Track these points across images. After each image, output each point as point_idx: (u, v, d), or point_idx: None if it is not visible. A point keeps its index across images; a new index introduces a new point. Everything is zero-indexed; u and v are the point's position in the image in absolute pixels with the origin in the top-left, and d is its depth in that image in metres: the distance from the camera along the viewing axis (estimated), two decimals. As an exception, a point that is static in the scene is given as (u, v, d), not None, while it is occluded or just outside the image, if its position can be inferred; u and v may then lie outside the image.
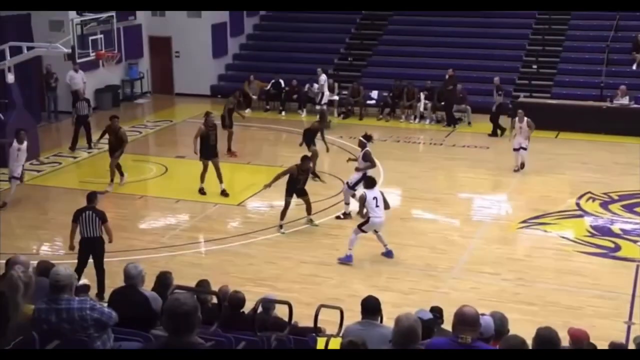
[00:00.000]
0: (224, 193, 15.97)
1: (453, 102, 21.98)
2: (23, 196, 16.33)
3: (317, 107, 22.59)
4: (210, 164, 15.83)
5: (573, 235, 14.11)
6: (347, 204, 14.96)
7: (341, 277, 12.44)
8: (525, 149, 17.42)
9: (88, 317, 5.42)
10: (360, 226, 12.88)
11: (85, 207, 11.45)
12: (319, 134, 17.14)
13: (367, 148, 15.03)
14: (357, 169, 14.96)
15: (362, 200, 12.78)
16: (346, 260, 12.84)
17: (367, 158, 14.91)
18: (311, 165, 14.45)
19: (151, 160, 19.26)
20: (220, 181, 15.95)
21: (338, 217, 14.86)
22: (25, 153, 15.63)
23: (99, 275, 11.29)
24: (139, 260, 10.86)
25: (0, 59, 18.10)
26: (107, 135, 16.88)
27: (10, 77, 18.18)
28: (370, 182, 13.15)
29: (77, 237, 11.54)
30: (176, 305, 4.14)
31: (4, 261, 7.78)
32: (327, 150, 17.29)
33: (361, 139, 15.28)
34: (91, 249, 11.36)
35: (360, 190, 13.76)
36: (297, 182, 14.12)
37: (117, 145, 16.43)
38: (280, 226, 14.24)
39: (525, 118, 17.46)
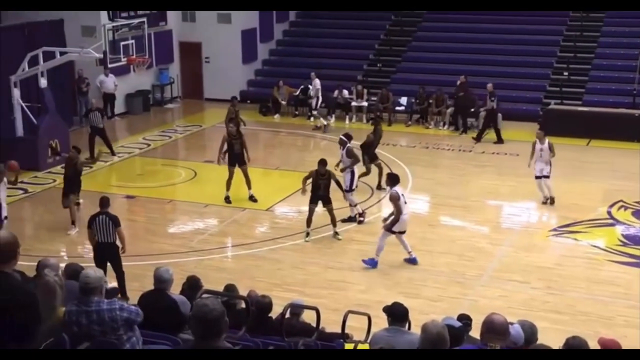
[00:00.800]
0: (252, 199, 16.01)
1: (466, 108, 21.86)
2: (53, 199, 16.51)
3: (314, 112, 22.81)
4: (238, 171, 15.89)
5: (604, 244, 13.94)
6: (355, 205, 14.98)
7: (369, 284, 12.41)
8: (548, 176, 15.72)
9: (118, 318, 5.48)
10: (388, 228, 12.81)
11: (98, 212, 11.37)
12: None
13: (349, 145, 15.18)
14: (342, 170, 15.06)
15: (396, 199, 12.72)
16: (370, 264, 12.80)
17: (351, 154, 15.08)
18: (327, 168, 14.31)
19: (180, 165, 19.37)
20: (249, 187, 16.01)
21: (360, 222, 14.85)
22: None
23: (120, 280, 11.29)
24: (168, 264, 10.91)
25: (33, 64, 18.36)
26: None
27: (43, 82, 18.42)
28: (395, 180, 13.12)
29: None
30: (205, 311, 4.15)
31: (34, 263, 7.87)
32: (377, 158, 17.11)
33: (342, 137, 15.48)
34: (106, 254, 11.28)
35: (351, 188, 14.66)
36: (317, 187, 14.10)
37: (75, 179, 14.84)
38: (307, 233, 14.24)
39: (547, 139, 15.81)
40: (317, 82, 22.92)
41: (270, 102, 24.24)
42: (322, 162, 14.16)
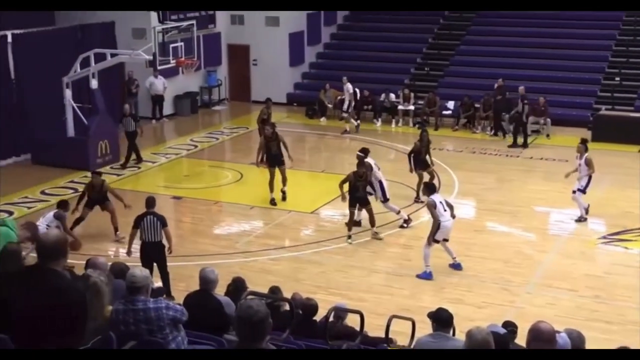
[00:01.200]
0: (283, 194, 16.08)
1: (501, 112, 21.65)
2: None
3: (344, 115, 22.69)
4: (276, 171, 15.99)
5: (655, 253, 13.64)
6: (398, 212, 14.86)
7: (413, 288, 12.34)
8: (582, 190, 14.93)
9: (164, 316, 5.54)
10: (430, 237, 12.71)
11: (145, 212, 11.47)
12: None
13: (367, 160, 14.68)
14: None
15: (433, 207, 12.63)
16: (425, 277, 12.64)
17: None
18: (367, 171, 14.30)
19: (227, 167, 19.50)
20: (284, 184, 16.10)
21: (402, 227, 14.77)
22: None
23: (164, 280, 11.40)
24: (213, 265, 11.00)
25: (85, 65, 18.68)
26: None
27: (94, 83, 18.73)
28: (432, 188, 13.06)
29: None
30: (249, 313, 4.15)
31: (83, 262, 8.01)
32: (432, 164, 16.74)
33: (359, 153, 14.88)
34: (153, 253, 11.40)
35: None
36: (356, 189, 14.10)
37: (101, 199, 14.36)
38: (349, 236, 14.24)
39: (586, 155, 15.08)
40: (349, 86, 22.79)
41: (317, 105, 24.28)
42: (362, 164, 14.20)
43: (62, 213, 12.86)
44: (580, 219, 15.14)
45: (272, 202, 16.06)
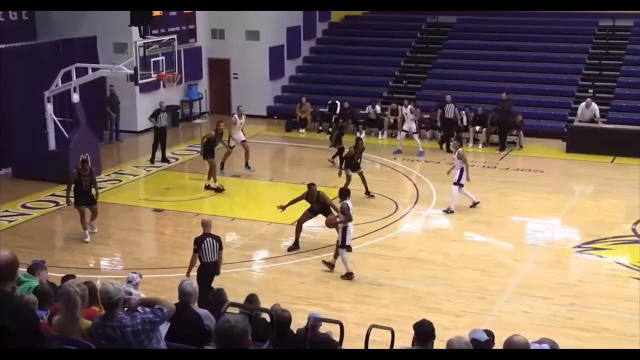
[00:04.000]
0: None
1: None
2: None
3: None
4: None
5: (628, 262, 13.94)
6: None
7: (392, 298, 12.52)
8: (456, 183, 16.64)
9: (140, 330, 5.58)
10: None
11: (204, 234, 11.65)
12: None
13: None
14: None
15: None
16: None
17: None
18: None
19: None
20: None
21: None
22: None
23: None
24: (195, 277, 11.15)
25: (67, 80, 18.77)
26: None
27: (76, 97, 18.81)
28: None
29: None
30: (227, 327, 4.15)
31: (62, 275, 8.12)
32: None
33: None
34: (211, 272, 11.57)
35: None
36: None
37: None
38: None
39: (459, 150, 16.87)
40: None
41: (297, 118, 24.48)
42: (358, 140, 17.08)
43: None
44: (448, 211, 16.27)
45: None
